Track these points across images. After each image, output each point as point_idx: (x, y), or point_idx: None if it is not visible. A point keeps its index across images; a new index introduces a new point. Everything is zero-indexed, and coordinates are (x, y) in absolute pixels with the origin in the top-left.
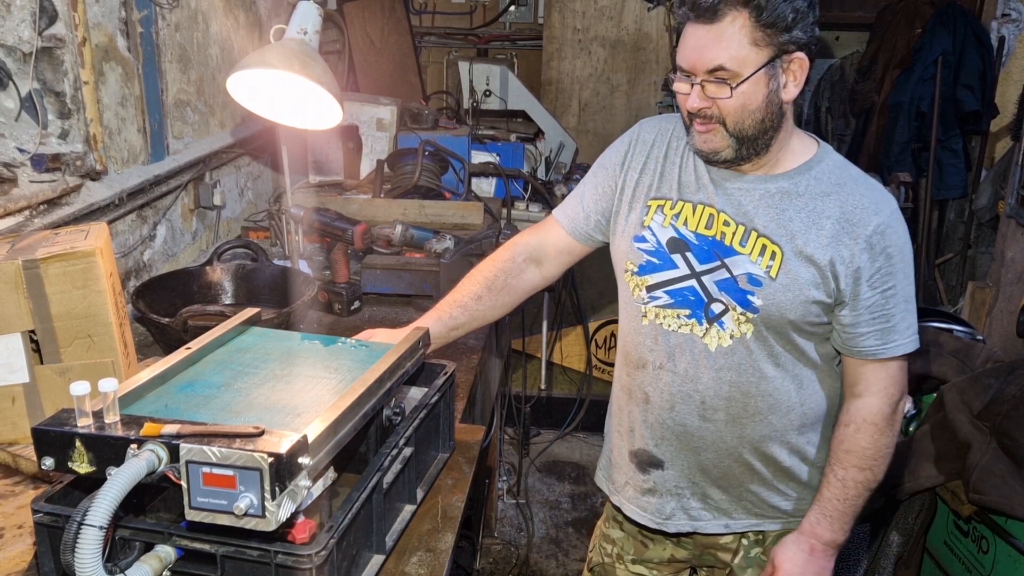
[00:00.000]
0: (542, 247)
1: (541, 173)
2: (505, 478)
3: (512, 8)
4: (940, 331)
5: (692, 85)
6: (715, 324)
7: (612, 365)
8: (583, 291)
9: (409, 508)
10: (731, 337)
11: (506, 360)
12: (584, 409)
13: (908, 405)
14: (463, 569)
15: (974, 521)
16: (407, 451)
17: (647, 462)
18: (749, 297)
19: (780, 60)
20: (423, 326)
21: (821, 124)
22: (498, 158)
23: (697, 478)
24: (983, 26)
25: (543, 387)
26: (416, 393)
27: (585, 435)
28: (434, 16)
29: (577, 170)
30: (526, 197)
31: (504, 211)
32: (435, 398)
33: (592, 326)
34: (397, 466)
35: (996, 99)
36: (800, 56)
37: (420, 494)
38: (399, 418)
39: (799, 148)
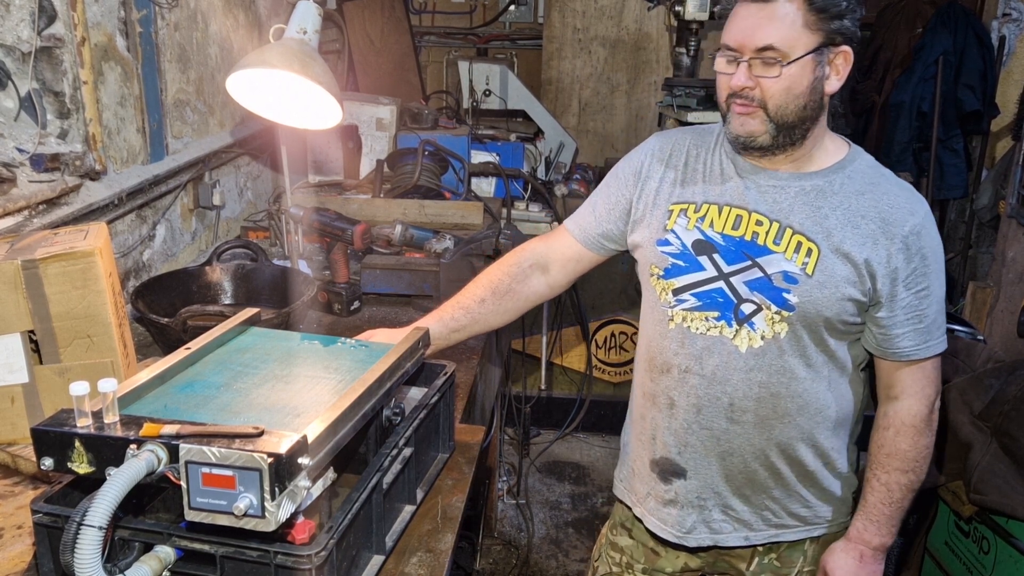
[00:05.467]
0: (549, 253)
1: (541, 173)
2: (505, 478)
3: (512, 8)
4: None
5: (738, 64)
6: (745, 325)
7: (612, 365)
8: (583, 291)
9: (409, 508)
10: (762, 338)
11: (506, 360)
12: (584, 409)
13: None
14: (463, 569)
15: (975, 522)
16: (407, 451)
17: (669, 471)
18: (785, 295)
19: (828, 50)
20: (423, 326)
21: None
22: (498, 158)
23: (720, 487)
24: (984, 26)
25: (543, 387)
26: (416, 393)
27: (585, 435)
28: (434, 16)
29: (577, 170)
30: (526, 197)
31: (504, 211)
32: (435, 398)
33: (592, 326)
34: (397, 466)
35: (997, 99)
36: (846, 49)
37: (420, 494)
38: (399, 418)
39: (832, 147)
